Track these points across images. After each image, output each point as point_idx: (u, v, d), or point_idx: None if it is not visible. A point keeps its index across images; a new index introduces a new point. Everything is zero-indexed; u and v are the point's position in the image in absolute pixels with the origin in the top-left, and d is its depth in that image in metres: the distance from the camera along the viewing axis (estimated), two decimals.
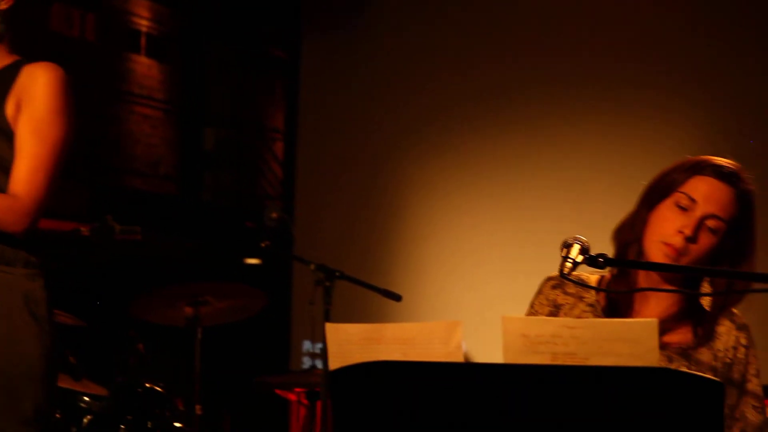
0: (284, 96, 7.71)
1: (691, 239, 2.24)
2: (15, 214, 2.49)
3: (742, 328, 2.29)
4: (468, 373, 1.66)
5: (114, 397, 4.08)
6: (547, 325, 1.85)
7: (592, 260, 2.19)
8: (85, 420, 4.03)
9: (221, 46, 8.32)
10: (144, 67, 7.79)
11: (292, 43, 6.63)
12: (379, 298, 4.21)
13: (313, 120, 6.37)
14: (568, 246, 2.20)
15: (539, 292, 2.42)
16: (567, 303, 2.37)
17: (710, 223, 2.25)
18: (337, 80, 6.29)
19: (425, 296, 5.81)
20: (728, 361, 2.26)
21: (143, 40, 7.79)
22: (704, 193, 2.26)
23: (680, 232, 2.24)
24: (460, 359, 1.86)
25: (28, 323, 2.51)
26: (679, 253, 2.24)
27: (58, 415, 3.86)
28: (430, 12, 6.14)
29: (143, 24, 7.78)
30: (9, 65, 2.61)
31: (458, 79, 5.96)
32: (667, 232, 2.25)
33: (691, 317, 2.31)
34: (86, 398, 4.07)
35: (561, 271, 2.17)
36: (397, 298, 4.19)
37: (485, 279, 5.71)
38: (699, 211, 2.26)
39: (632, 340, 1.80)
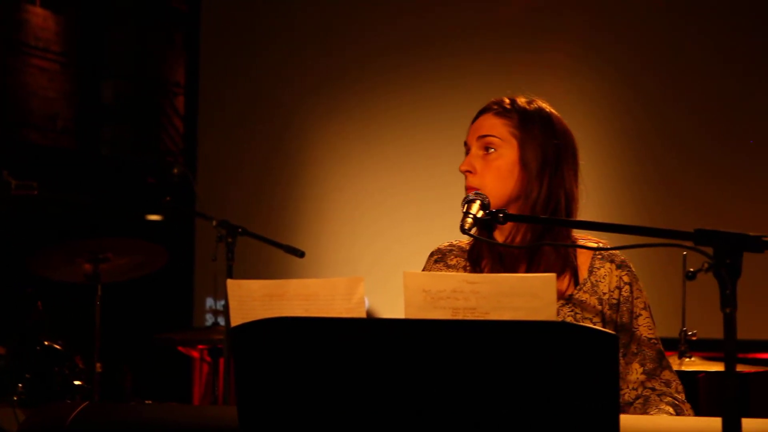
0: (185, 49, 7.60)
1: (470, 170, 2.33)
2: None
3: (621, 266, 2.35)
4: (369, 328, 1.67)
5: (12, 355, 4.01)
6: (448, 280, 1.87)
7: (492, 215, 2.22)
8: None
9: None
10: (39, 18, 7.60)
11: None
12: (282, 254, 4.21)
13: (214, 74, 6.29)
14: (469, 202, 2.23)
15: (424, 268, 2.46)
16: None
17: (484, 144, 2.35)
18: (239, 33, 6.21)
19: (328, 252, 5.82)
20: (614, 302, 2.32)
21: None
22: (471, 131, 2.39)
23: (463, 173, 2.35)
24: (362, 315, 1.87)
25: None
26: (473, 188, 2.31)
27: None
28: None
29: None
30: None
31: (363, 34, 5.94)
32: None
33: (567, 264, 2.36)
34: None
35: (462, 226, 2.20)
36: (300, 254, 4.19)
37: (389, 235, 5.73)
38: (471, 143, 2.37)
39: (531, 295, 1.83)
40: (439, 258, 2.45)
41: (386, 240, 5.72)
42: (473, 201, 2.23)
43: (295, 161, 6.01)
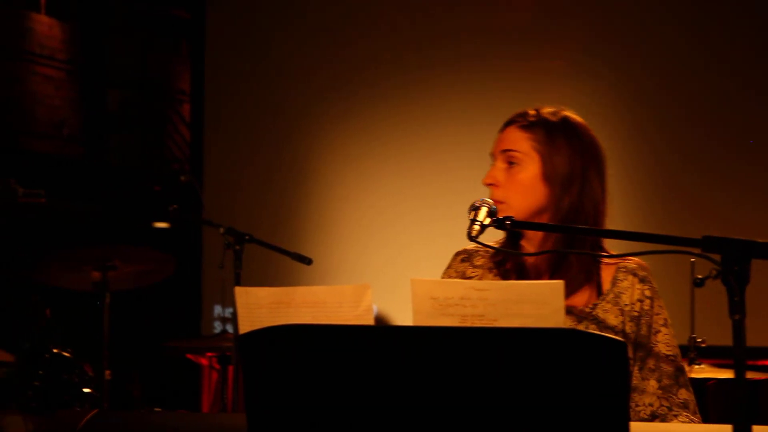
0: (190, 56, 7.61)
1: (493, 183, 2.34)
2: None
3: (644, 280, 2.34)
4: (376, 335, 1.67)
5: (21, 363, 4.01)
6: (456, 287, 1.87)
7: (499, 223, 2.22)
8: None
9: (124, 5, 8.18)
10: (45, 26, 7.62)
11: (196, 3, 6.54)
12: (290, 261, 4.20)
13: (220, 81, 6.30)
14: (475, 209, 2.23)
15: (448, 266, 2.45)
16: (476, 275, 2.40)
17: (507, 157, 2.35)
18: (244, 41, 6.21)
19: (336, 260, 5.81)
20: (635, 314, 2.31)
21: None
22: (496, 143, 2.39)
23: (486, 185, 2.36)
24: (369, 322, 1.87)
25: None
26: (497, 201, 2.31)
27: None
28: None
29: None
30: None
31: (369, 39, 5.94)
32: None
33: (590, 276, 2.35)
34: None
35: (469, 233, 2.19)
36: (308, 261, 4.18)
37: (396, 242, 5.73)
38: (496, 156, 2.37)
39: (538, 302, 1.83)
40: (465, 258, 2.44)
41: (394, 247, 5.71)
42: (480, 208, 2.22)
43: (301, 167, 6.01)
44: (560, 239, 2.32)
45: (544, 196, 2.33)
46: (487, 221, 2.21)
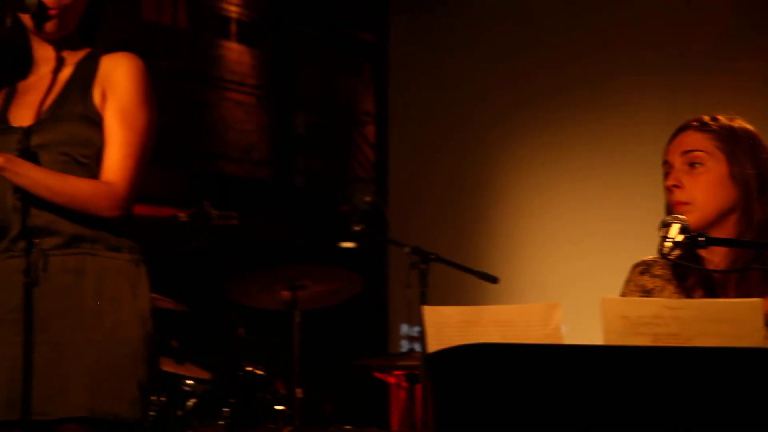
0: (374, 79, 7.73)
1: (677, 185, 2.30)
2: (111, 200, 2.56)
3: None
4: (569, 354, 1.66)
5: (217, 381, 4.14)
6: (648, 306, 1.84)
7: (693, 240, 2.17)
8: (189, 403, 4.10)
9: (310, 30, 8.37)
10: (235, 53, 7.87)
11: (380, 26, 6.64)
12: (475, 280, 4.20)
13: (403, 102, 6.37)
14: (666, 225, 2.19)
15: (628, 279, 2.42)
16: (656, 286, 2.37)
17: (689, 159, 2.31)
18: (427, 61, 6.27)
19: (522, 278, 5.77)
20: None
21: (233, 27, 7.88)
22: (672, 149, 2.35)
23: (668, 189, 2.32)
24: (559, 341, 1.85)
25: (134, 307, 2.58)
26: (682, 203, 2.28)
27: (163, 398, 3.94)
28: None
29: (233, 10, 7.87)
30: (86, 57, 2.67)
31: (552, 58, 5.90)
32: (667, 198, 2.33)
33: None
34: (189, 381, 4.14)
35: (661, 251, 2.15)
36: (494, 280, 4.17)
37: (583, 261, 5.64)
38: (674, 160, 2.33)
39: (736, 321, 1.78)
40: (644, 269, 2.40)
41: (582, 265, 5.63)
42: (671, 224, 2.18)
43: (486, 185, 6.01)
44: (747, 253, 2.26)
45: (733, 197, 2.29)
46: (680, 238, 2.16)
